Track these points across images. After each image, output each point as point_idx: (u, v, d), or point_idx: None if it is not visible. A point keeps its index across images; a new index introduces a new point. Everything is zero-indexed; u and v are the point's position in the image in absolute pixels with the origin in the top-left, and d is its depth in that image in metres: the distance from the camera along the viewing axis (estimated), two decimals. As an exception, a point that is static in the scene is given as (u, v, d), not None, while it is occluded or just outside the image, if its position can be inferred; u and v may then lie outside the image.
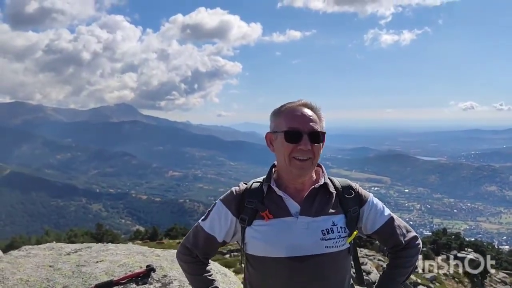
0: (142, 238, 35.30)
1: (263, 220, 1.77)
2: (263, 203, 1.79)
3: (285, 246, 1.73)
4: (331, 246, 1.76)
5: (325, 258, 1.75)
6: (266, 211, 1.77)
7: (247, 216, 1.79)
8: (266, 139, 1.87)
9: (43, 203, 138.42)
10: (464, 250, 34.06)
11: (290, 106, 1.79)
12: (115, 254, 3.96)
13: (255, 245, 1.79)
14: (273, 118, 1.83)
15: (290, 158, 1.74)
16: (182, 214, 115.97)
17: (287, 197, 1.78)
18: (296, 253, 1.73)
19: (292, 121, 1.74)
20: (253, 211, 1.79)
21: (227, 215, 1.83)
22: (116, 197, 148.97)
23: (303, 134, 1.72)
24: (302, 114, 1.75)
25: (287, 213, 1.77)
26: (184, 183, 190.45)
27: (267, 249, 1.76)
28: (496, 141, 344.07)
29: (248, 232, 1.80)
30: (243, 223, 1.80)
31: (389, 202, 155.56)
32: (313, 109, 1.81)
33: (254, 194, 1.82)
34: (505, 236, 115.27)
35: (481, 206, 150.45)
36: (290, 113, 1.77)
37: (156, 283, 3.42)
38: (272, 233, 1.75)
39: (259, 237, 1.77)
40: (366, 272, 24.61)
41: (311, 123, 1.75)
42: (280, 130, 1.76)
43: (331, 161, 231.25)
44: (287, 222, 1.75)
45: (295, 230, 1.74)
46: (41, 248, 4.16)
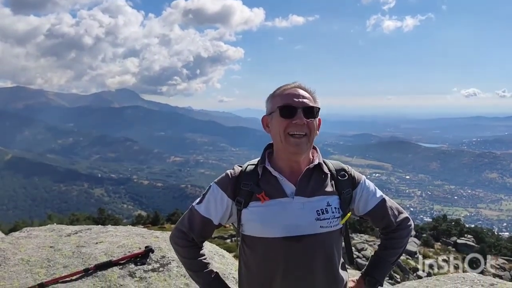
0: (144, 223, 35.45)
1: (259, 202, 1.78)
2: (258, 185, 1.80)
3: (281, 227, 1.75)
4: (326, 226, 1.78)
5: (320, 238, 1.78)
6: (262, 193, 1.78)
7: (243, 198, 1.80)
8: (263, 122, 1.89)
9: (46, 188, 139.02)
10: (464, 236, 34.25)
11: (285, 87, 1.83)
12: (115, 235, 4.02)
13: (251, 226, 1.80)
14: (269, 100, 1.86)
15: (286, 134, 1.76)
16: (184, 199, 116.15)
17: (282, 178, 1.80)
18: (292, 233, 1.75)
19: (286, 99, 1.77)
20: (249, 193, 1.80)
21: (223, 197, 1.83)
22: (118, 182, 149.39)
23: (298, 108, 1.75)
24: (296, 93, 1.79)
25: (283, 193, 1.78)
26: (186, 169, 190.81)
27: (264, 230, 1.77)
28: (498, 128, 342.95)
29: (244, 214, 1.81)
30: (239, 205, 1.81)
31: (390, 188, 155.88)
32: (307, 91, 1.83)
33: (249, 176, 1.83)
34: (505, 223, 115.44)
35: (482, 193, 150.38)
36: (284, 93, 1.81)
37: (155, 263, 3.48)
38: (268, 214, 1.76)
39: (255, 219, 1.78)
40: (366, 258, 24.83)
41: (305, 100, 1.78)
42: (275, 109, 1.80)
43: (332, 147, 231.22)
44: (283, 203, 1.77)
45: (291, 210, 1.76)
46: (42, 229, 4.21)
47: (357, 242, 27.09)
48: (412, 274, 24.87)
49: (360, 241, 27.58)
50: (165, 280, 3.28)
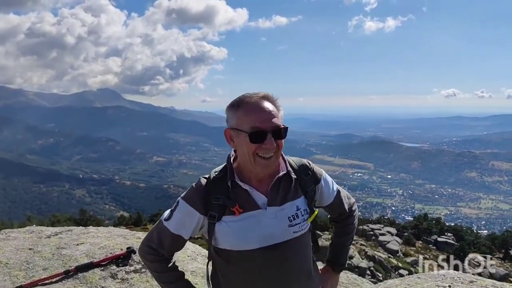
0: (126, 223, 35.17)
1: (233, 216, 1.73)
2: (229, 197, 1.74)
3: (257, 238, 1.74)
4: (298, 231, 1.80)
5: (293, 242, 1.80)
6: (236, 206, 1.73)
7: (216, 212, 1.74)
8: (226, 135, 1.77)
9: (25, 189, 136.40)
10: (444, 234, 34.83)
11: (249, 100, 1.70)
12: (96, 236, 3.97)
13: (226, 240, 1.76)
14: (231, 112, 1.73)
15: (255, 156, 1.70)
16: (166, 199, 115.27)
17: (252, 190, 1.76)
18: (268, 243, 1.74)
19: (254, 120, 1.66)
20: (221, 206, 1.74)
21: (193, 213, 1.76)
22: (100, 182, 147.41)
23: (268, 133, 1.66)
24: (264, 110, 1.68)
25: (256, 205, 1.75)
26: (168, 169, 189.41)
27: (240, 243, 1.74)
28: (477, 128, 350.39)
29: (218, 228, 1.75)
30: (213, 219, 1.75)
31: (372, 188, 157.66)
32: (271, 101, 1.74)
33: (219, 189, 1.75)
34: (483, 221, 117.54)
35: (462, 192, 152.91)
36: (250, 110, 1.68)
37: (137, 264, 3.46)
38: (244, 227, 1.74)
39: (230, 232, 1.74)
40: (349, 257, 25.01)
41: (273, 120, 1.68)
42: (242, 129, 1.68)
43: (315, 147, 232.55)
44: (257, 215, 1.75)
45: (265, 221, 1.75)
46: (20, 231, 4.14)
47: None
48: (394, 273, 25.15)
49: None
50: (147, 281, 3.25)
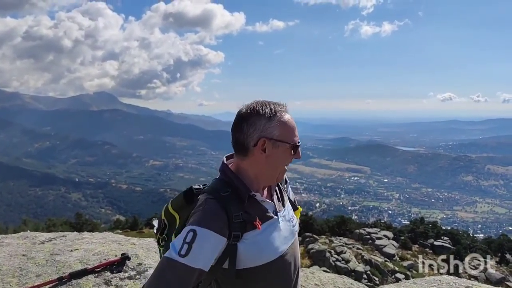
0: (123, 227, 35.07)
1: (255, 230, 1.64)
2: (248, 212, 1.65)
3: (277, 246, 1.72)
4: (296, 230, 1.86)
5: (295, 240, 1.86)
6: (256, 220, 1.66)
7: (238, 231, 1.60)
8: (258, 144, 1.66)
9: (21, 193, 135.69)
10: (441, 238, 34.84)
11: (285, 113, 1.71)
12: (90, 242, 3.95)
13: (253, 257, 1.64)
14: (267, 122, 1.66)
15: (283, 168, 1.74)
16: (163, 203, 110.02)
17: (264, 200, 1.74)
18: (284, 248, 1.74)
19: (294, 134, 1.71)
20: (242, 224, 1.61)
21: (220, 241, 1.57)
22: (96, 186, 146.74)
23: (299, 147, 1.74)
24: (294, 124, 1.73)
25: (269, 214, 1.74)
26: (165, 173, 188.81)
27: (270, 255, 1.68)
28: (473, 132, 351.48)
29: (241, 246, 1.62)
30: (236, 240, 1.60)
31: (369, 191, 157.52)
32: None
33: (236, 206, 1.63)
34: (480, 224, 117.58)
35: (458, 196, 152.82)
36: (290, 124, 1.70)
37: (131, 271, 3.43)
38: (268, 238, 1.69)
39: (258, 247, 1.65)
40: (345, 261, 25.00)
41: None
42: (288, 142, 1.68)
43: (312, 151, 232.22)
44: (274, 223, 1.74)
45: (279, 227, 1.75)
46: (14, 237, 4.11)
47: (336, 245, 27.20)
48: (391, 276, 25.13)
49: (339, 244, 27.69)
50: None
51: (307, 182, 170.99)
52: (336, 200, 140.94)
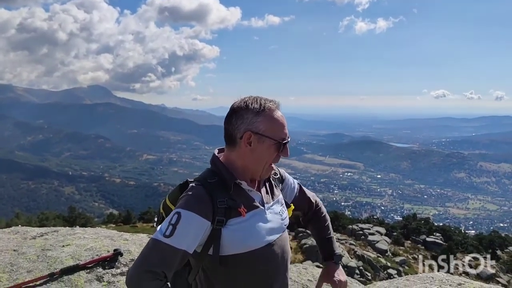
0: (116, 221, 34.97)
1: (240, 217, 1.69)
2: (233, 199, 1.70)
3: (265, 235, 1.75)
4: (286, 223, 1.88)
5: (284, 234, 1.88)
6: (242, 207, 1.70)
7: (223, 217, 1.65)
8: (244, 137, 1.71)
9: (14, 186, 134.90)
10: (433, 234, 35.05)
11: (274, 109, 1.74)
12: (83, 238, 3.90)
13: (237, 243, 1.69)
14: (254, 116, 1.71)
15: (269, 164, 1.77)
16: (156, 197, 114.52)
17: (250, 189, 1.78)
18: (271, 239, 1.77)
19: (281, 131, 1.74)
20: (227, 209, 1.67)
21: (203, 223, 1.63)
22: (90, 180, 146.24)
23: (287, 143, 1.76)
24: (284, 121, 1.76)
25: (256, 204, 1.77)
26: (159, 167, 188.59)
27: (253, 242, 1.72)
28: (466, 129, 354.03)
29: (225, 232, 1.66)
30: (220, 225, 1.65)
31: (362, 187, 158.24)
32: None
33: (220, 192, 1.69)
34: (471, 221, 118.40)
35: (450, 192, 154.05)
36: (278, 120, 1.74)
37: (124, 267, 3.39)
38: (253, 226, 1.72)
39: (241, 234, 1.69)
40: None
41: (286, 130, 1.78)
42: (273, 137, 1.72)
43: (305, 147, 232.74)
44: (260, 213, 1.77)
45: (266, 217, 1.78)
46: (5, 232, 4.06)
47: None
48: (383, 272, 25.26)
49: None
50: (134, 284, 3.20)
51: (300, 177, 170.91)
52: (329, 196, 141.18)
